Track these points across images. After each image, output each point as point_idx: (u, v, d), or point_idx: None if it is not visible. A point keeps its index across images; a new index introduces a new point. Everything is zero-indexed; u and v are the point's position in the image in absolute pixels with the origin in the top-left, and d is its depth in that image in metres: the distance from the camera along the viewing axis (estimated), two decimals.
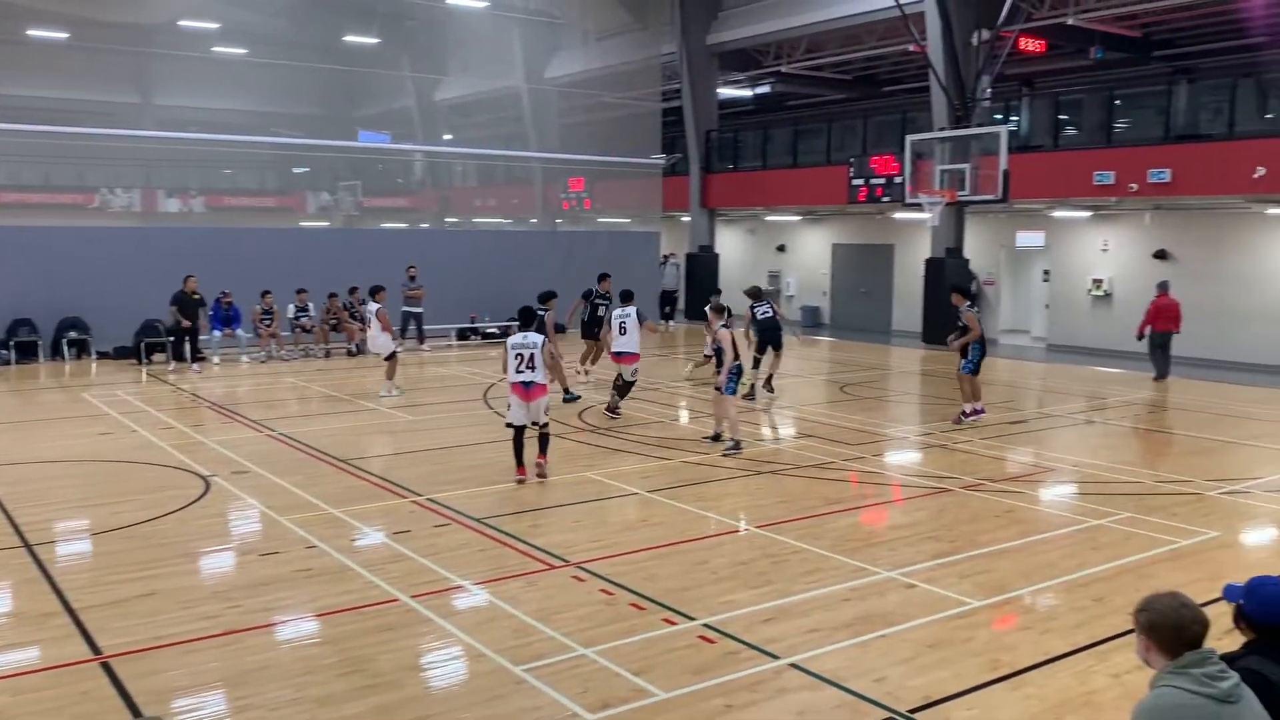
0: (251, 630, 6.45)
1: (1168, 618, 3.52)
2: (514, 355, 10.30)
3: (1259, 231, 20.56)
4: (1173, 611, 3.53)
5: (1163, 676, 3.50)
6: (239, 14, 30.96)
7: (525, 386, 10.30)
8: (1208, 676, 3.42)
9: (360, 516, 9.06)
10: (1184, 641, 3.49)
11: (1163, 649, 3.53)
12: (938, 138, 19.71)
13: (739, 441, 11.97)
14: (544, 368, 10.31)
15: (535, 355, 10.24)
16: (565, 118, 33.11)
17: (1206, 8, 21.13)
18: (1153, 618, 3.56)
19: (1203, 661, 3.46)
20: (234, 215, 38.10)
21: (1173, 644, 3.50)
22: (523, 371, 10.26)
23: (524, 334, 10.42)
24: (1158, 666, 3.55)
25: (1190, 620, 3.50)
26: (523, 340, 10.33)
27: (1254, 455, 12.29)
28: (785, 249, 31.16)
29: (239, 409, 14.76)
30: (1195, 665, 3.44)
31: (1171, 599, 3.59)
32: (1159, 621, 3.54)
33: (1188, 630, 3.49)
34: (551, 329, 14.34)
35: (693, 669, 5.89)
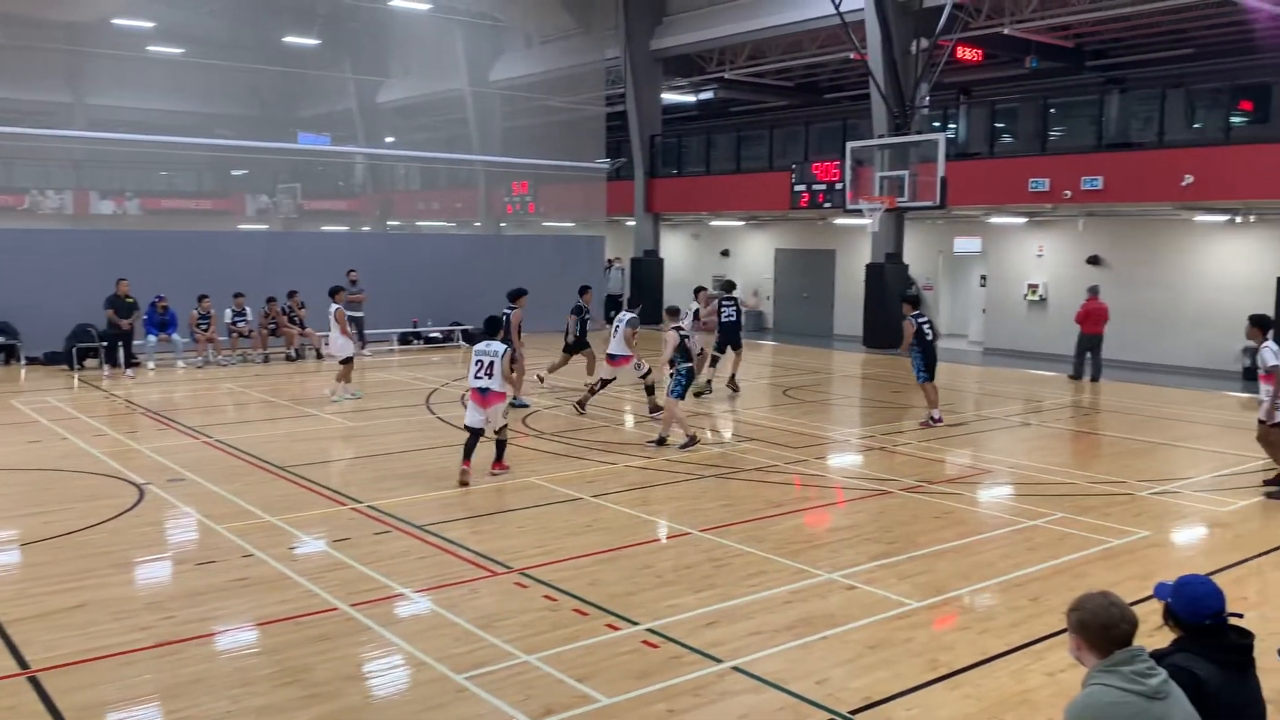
0: (187, 641, 6.32)
1: (1097, 616, 3.60)
2: (475, 361, 10.53)
3: (1187, 238, 21.12)
4: (1102, 610, 3.61)
5: (1094, 675, 3.57)
6: (175, 13, 30.41)
7: (482, 393, 10.49)
8: (1137, 674, 3.50)
9: (299, 524, 8.93)
10: (1113, 640, 3.57)
11: (1093, 647, 3.61)
12: (877, 145, 19.99)
13: (694, 437, 12.30)
14: (502, 377, 10.45)
15: (495, 364, 10.40)
16: (509, 121, 33.03)
17: (1137, 20, 21.69)
18: (1083, 617, 3.63)
19: (1132, 659, 3.53)
20: (170, 218, 37.45)
21: (1102, 642, 3.58)
22: (480, 378, 10.45)
23: (487, 342, 10.60)
24: (1089, 665, 3.63)
25: (1119, 619, 3.58)
26: (485, 347, 10.53)
27: (1183, 456, 12.62)
28: (729, 254, 31.35)
29: (175, 415, 14.47)
30: (1125, 663, 3.52)
31: (1101, 598, 3.67)
32: (1089, 620, 3.61)
33: (1116, 629, 3.57)
34: (517, 329, 14.28)
35: (636, 674, 5.89)
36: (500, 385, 10.51)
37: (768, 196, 25.90)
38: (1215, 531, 9.21)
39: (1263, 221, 19.79)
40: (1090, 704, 3.51)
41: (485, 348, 10.55)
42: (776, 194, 24.61)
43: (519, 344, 14.10)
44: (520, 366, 13.94)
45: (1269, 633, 6.35)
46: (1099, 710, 3.49)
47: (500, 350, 10.47)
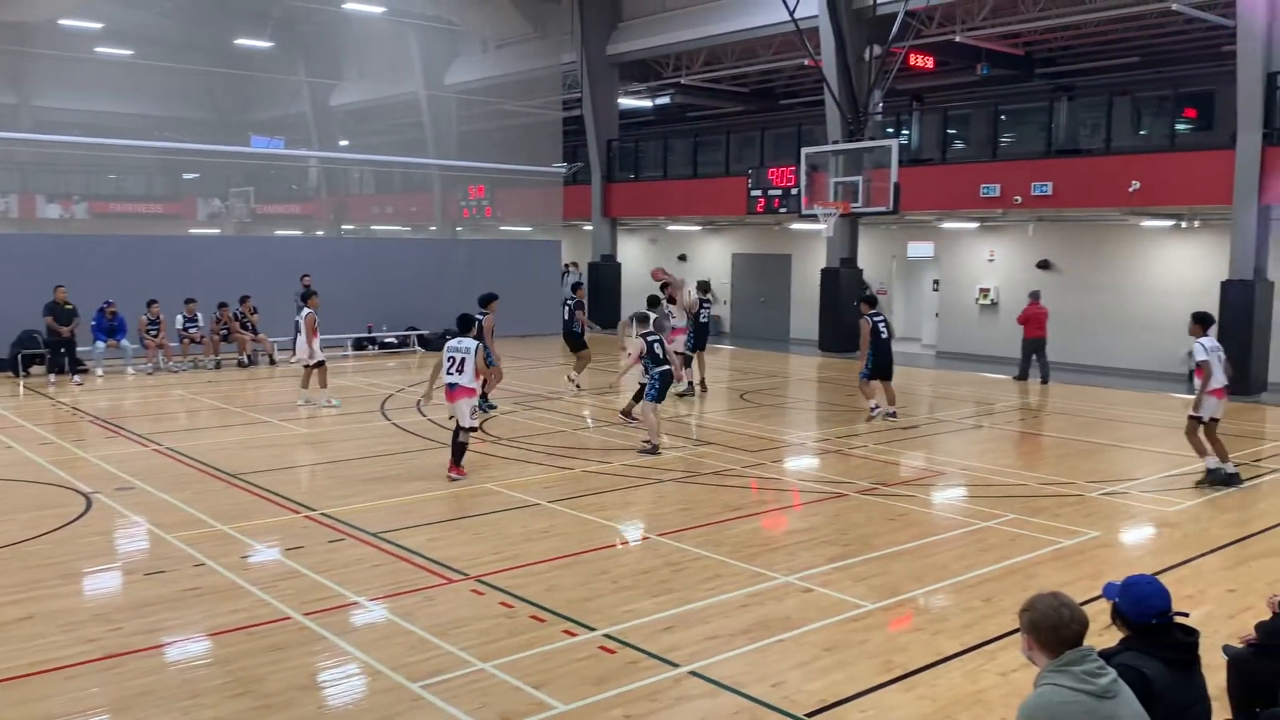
0: (135, 653, 6.21)
1: (1048, 617, 3.65)
2: (446, 357, 10.82)
3: (1134, 243, 21.52)
4: (1052, 611, 3.66)
5: (1045, 675, 3.63)
6: (124, 14, 29.92)
7: (450, 388, 10.78)
8: (1086, 674, 3.56)
9: (251, 533, 8.82)
10: (1063, 640, 3.62)
11: (1044, 647, 3.66)
12: (832, 150, 20.14)
13: (656, 446, 12.29)
14: (472, 374, 10.68)
15: (467, 360, 10.66)
16: (465, 125, 32.85)
17: (1085, 29, 22.08)
18: (1034, 617, 3.69)
19: (1081, 659, 3.59)
20: (119, 222, 36.78)
21: (1053, 642, 3.63)
22: (450, 374, 10.75)
23: (459, 339, 10.88)
24: (1041, 664, 3.69)
25: (1069, 619, 3.64)
26: (457, 344, 10.82)
27: (1132, 457, 12.85)
28: (686, 258, 31.42)
29: (124, 422, 14.22)
30: (1075, 663, 3.58)
31: (1052, 599, 3.73)
32: (1040, 621, 3.67)
33: (1066, 629, 3.63)
34: (490, 333, 14.30)
35: (593, 680, 5.88)
36: (469, 382, 10.71)
37: (724, 201, 26.01)
38: (1162, 531, 9.39)
39: (1207, 226, 20.21)
40: (1041, 704, 3.57)
41: (457, 344, 10.79)
42: (733, 199, 24.71)
43: (493, 348, 14.19)
44: (496, 371, 14.29)
45: (1213, 630, 6.48)
46: (1050, 710, 3.54)
47: (472, 347, 10.71)
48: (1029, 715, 3.59)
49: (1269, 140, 17.49)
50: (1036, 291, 20.10)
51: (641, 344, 12.56)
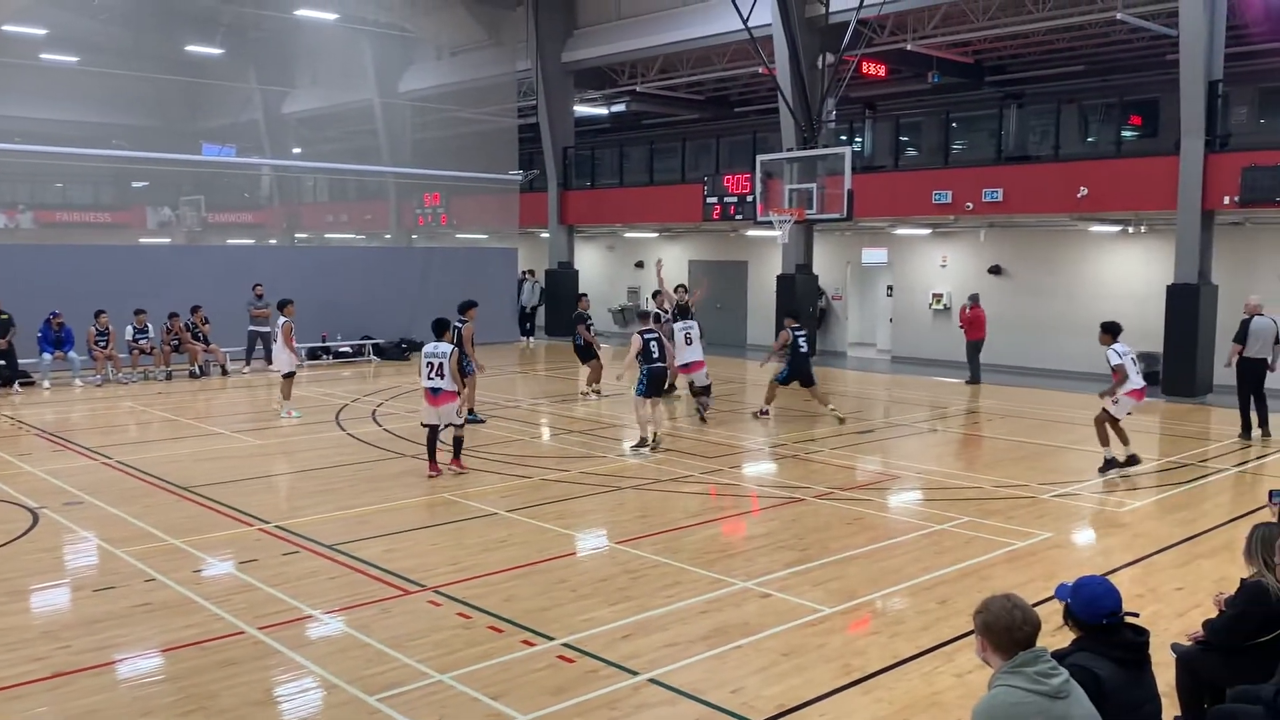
0: (84, 671, 6.08)
1: (1001, 619, 3.70)
2: (425, 363, 11.13)
3: (1083, 248, 21.90)
4: (1005, 613, 3.70)
5: (999, 676, 3.68)
6: (70, 19, 29.41)
7: (433, 393, 11.10)
8: (1039, 675, 3.60)
9: (204, 546, 8.68)
10: (1016, 641, 3.67)
11: (997, 649, 3.71)
12: (786, 158, 20.27)
13: (644, 440, 12.94)
14: (452, 377, 11.02)
15: (444, 364, 11.00)
16: (420, 132, 32.66)
17: (1032, 38, 22.45)
18: (987, 619, 3.73)
19: (1035, 660, 3.64)
20: (66, 231, 36.10)
21: (1006, 644, 3.68)
22: (432, 379, 11.06)
23: (435, 344, 11.14)
24: (995, 665, 3.73)
25: (1021, 621, 3.69)
26: (434, 349, 11.10)
27: (1083, 459, 13.03)
28: (643, 265, 31.46)
29: (71, 435, 13.95)
30: (1028, 664, 3.63)
31: (1005, 601, 3.77)
32: (993, 623, 3.71)
33: (1019, 631, 3.67)
34: (470, 341, 14.13)
35: (551, 689, 5.86)
36: (451, 384, 11.03)
37: (681, 208, 26.08)
38: (1113, 532, 9.54)
39: (1153, 231, 20.61)
40: (996, 705, 3.61)
41: (434, 349, 11.10)
42: (689, 206, 24.79)
43: (473, 356, 14.07)
44: (473, 380, 14.16)
45: (1163, 629, 6.60)
46: (1004, 711, 3.58)
47: (448, 351, 11.02)
48: (982, 716, 3.63)
49: (1211, 147, 17.86)
50: (975, 295, 20.67)
51: (639, 340, 13.13)
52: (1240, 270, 19.31)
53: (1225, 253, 18.95)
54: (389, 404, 17.12)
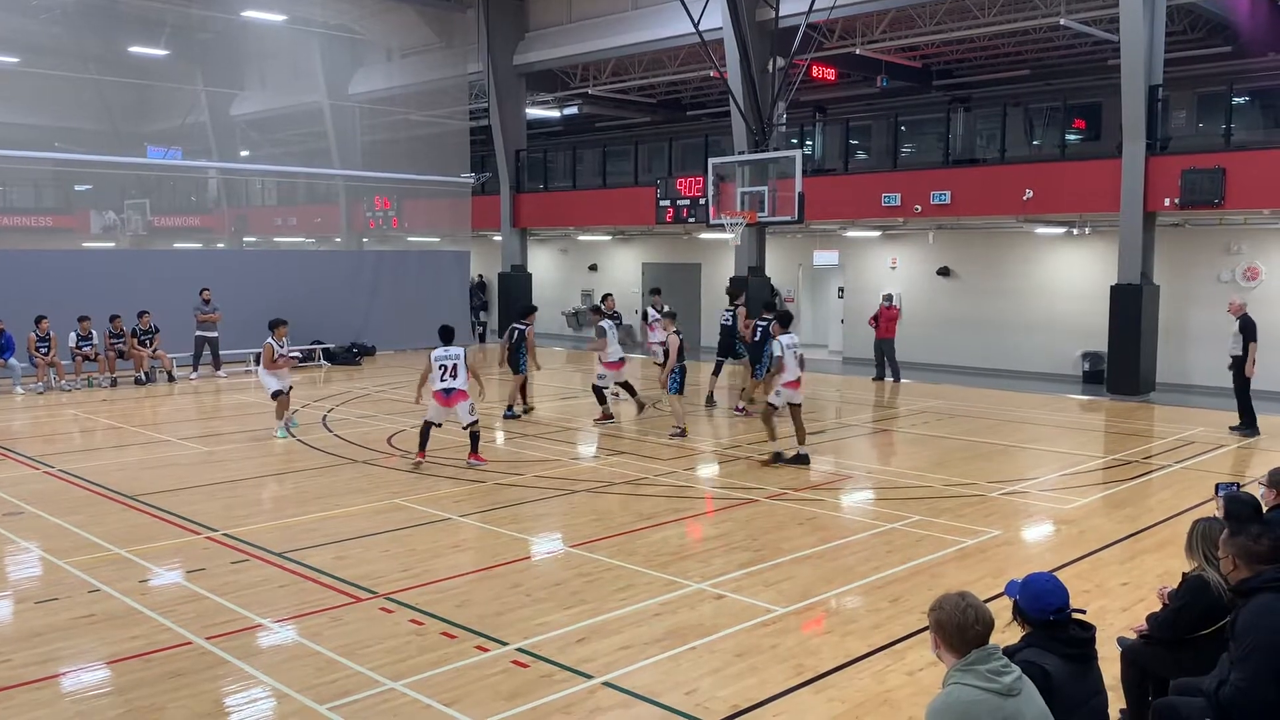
0: (24, 686, 5.95)
1: (954, 617, 3.73)
2: (439, 365, 11.77)
3: (1029, 249, 22.26)
4: (959, 612, 3.74)
5: (952, 674, 3.72)
6: (8, 20, 28.79)
7: (446, 394, 11.78)
8: (992, 672, 3.65)
9: (150, 556, 8.53)
10: (968, 640, 3.71)
11: (950, 647, 3.75)
12: (738, 161, 20.35)
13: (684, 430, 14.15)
14: (465, 376, 11.80)
15: (459, 365, 11.79)
16: (370, 135, 32.37)
17: (978, 42, 22.78)
18: (940, 617, 3.77)
19: (987, 658, 3.68)
20: (7, 235, 35.30)
21: (959, 642, 3.72)
22: (445, 380, 11.75)
23: (446, 348, 11.91)
24: (948, 663, 3.76)
25: (974, 620, 3.72)
26: (445, 353, 11.86)
27: (1030, 457, 13.25)
28: (597, 268, 31.47)
29: (12, 445, 13.63)
30: (981, 662, 3.67)
31: (958, 599, 3.80)
32: (946, 621, 3.75)
33: (971, 629, 3.71)
34: (531, 343, 15.78)
35: (505, 695, 5.83)
36: (464, 384, 11.77)
37: (634, 211, 26.11)
38: (1060, 529, 9.70)
39: (1097, 233, 21.00)
40: (950, 703, 3.65)
41: (445, 353, 11.85)
42: (642, 209, 24.82)
43: (532, 357, 15.80)
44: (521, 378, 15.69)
45: (1109, 623, 6.73)
46: (958, 709, 3.62)
47: (461, 353, 11.87)
48: (937, 714, 3.67)
49: (1152, 150, 18.24)
50: (890, 295, 21.39)
51: (679, 340, 14.23)
52: (1180, 271, 19.76)
53: (1166, 254, 19.37)
54: (340, 409, 16.94)
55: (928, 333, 23.14)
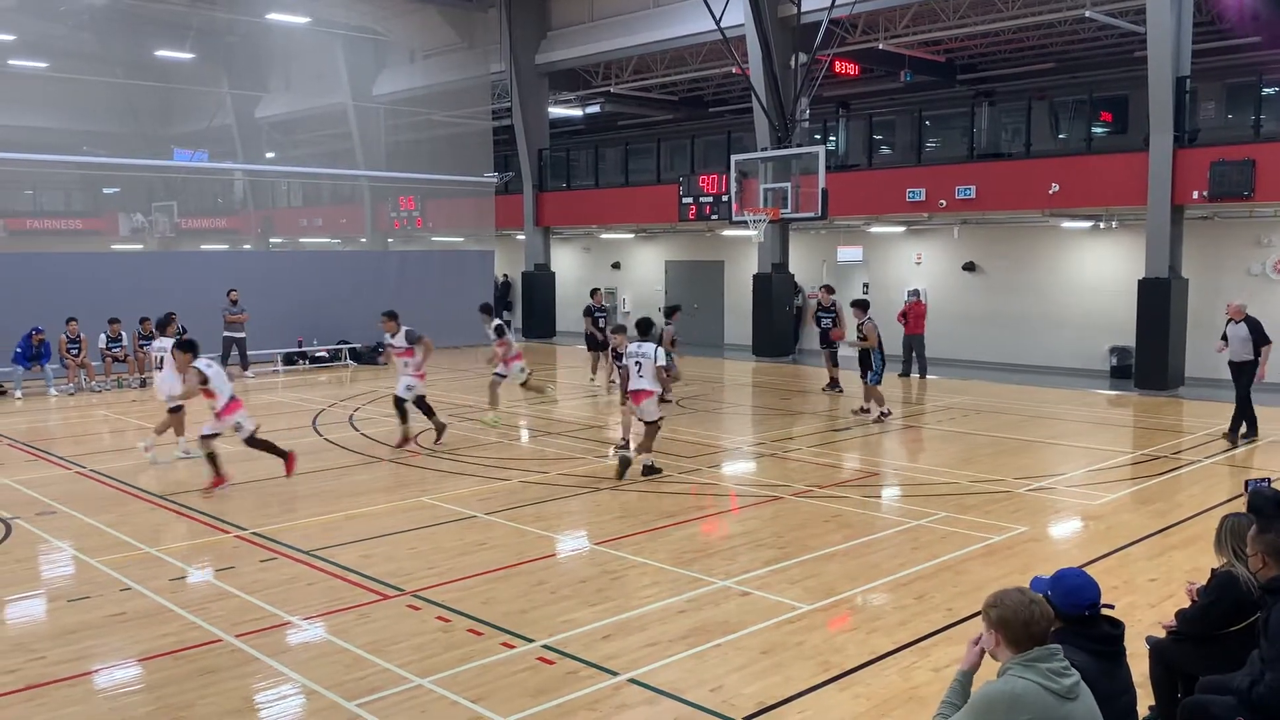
0: (58, 683, 6.03)
1: (1018, 614, 3.67)
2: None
3: (1055, 244, 22.08)
4: (1023, 608, 3.69)
5: (1012, 666, 3.66)
6: (38, 25, 29.15)
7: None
8: (1053, 672, 3.60)
9: (180, 554, 8.63)
10: (1032, 636, 3.66)
11: (1012, 643, 3.68)
12: (761, 158, 20.34)
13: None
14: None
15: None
16: (394, 135, 32.59)
17: (1002, 35, 22.61)
18: (1003, 614, 3.70)
19: (1049, 656, 3.63)
20: (37, 239, 35.83)
21: (1023, 637, 3.66)
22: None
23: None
24: (1002, 658, 3.71)
25: (1039, 614, 3.68)
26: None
27: (1057, 453, 13.15)
28: (620, 266, 31.49)
29: (45, 445, 13.82)
30: (1042, 660, 3.62)
31: (1019, 595, 3.74)
32: (1010, 617, 3.68)
33: (1036, 625, 3.66)
34: (668, 341, 15.88)
35: (531, 691, 5.86)
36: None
37: (656, 209, 26.12)
38: (1088, 525, 9.63)
39: (1124, 227, 20.81)
40: (1005, 690, 3.60)
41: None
42: (665, 206, 24.83)
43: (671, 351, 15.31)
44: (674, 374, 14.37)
45: (1137, 620, 6.68)
46: (1012, 699, 3.57)
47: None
48: (989, 696, 3.63)
49: (1179, 142, 18.06)
50: (915, 290, 21.41)
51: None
52: (1209, 264, 19.55)
53: (1194, 247, 19.16)
54: (366, 409, 17.04)
55: (953, 328, 23.00)
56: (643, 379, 11.48)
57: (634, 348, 11.60)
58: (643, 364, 11.46)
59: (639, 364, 11.48)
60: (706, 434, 14.53)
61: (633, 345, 11.70)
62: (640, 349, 11.56)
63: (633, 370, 11.53)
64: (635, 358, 11.52)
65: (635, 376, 11.52)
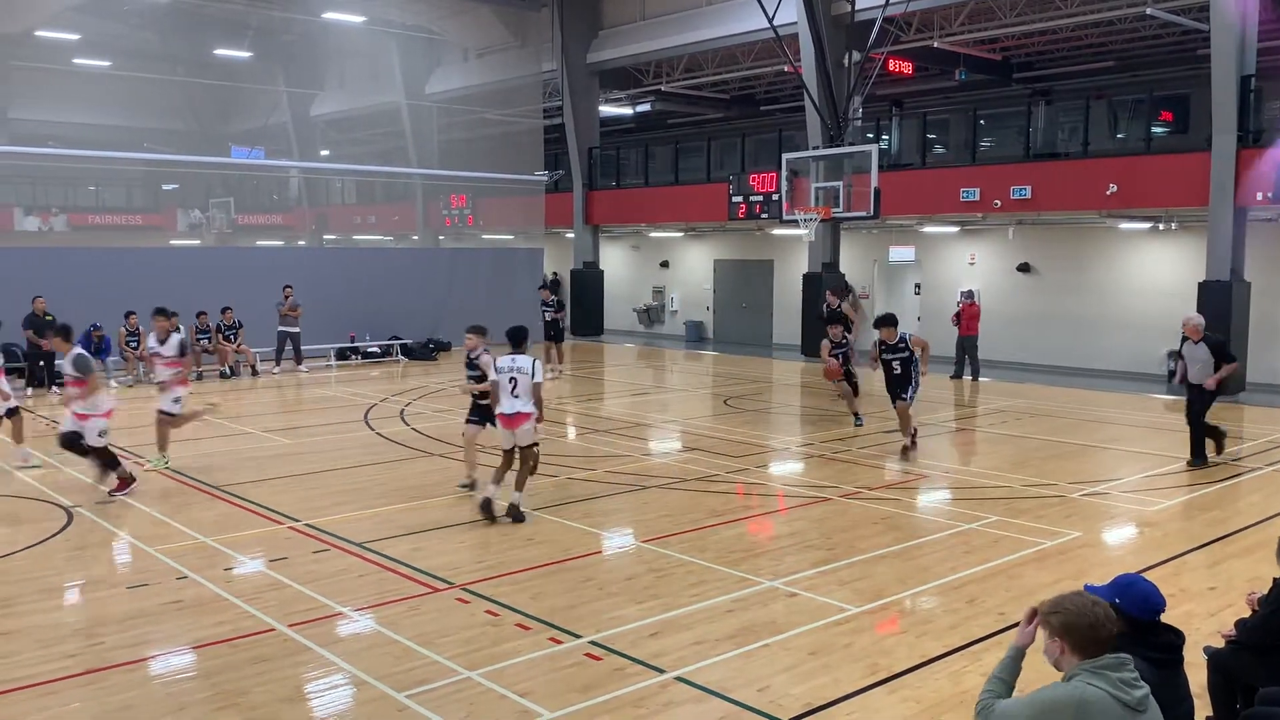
0: (116, 668, 6.16)
1: (1084, 617, 3.58)
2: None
3: (1112, 245, 21.70)
4: (1088, 611, 3.59)
5: (1080, 671, 3.55)
6: (101, 25, 29.77)
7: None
8: (1124, 682, 3.50)
9: (235, 544, 8.77)
10: (1099, 640, 3.56)
11: (1078, 649, 3.58)
12: (812, 156, 20.22)
13: None
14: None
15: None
16: (446, 134, 32.86)
17: (1060, 34, 22.26)
18: (1068, 619, 3.60)
19: (1119, 665, 3.53)
20: (99, 234, 36.62)
21: (1089, 642, 3.56)
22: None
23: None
24: (1068, 667, 3.60)
25: (1104, 617, 3.58)
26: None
27: (1112, 457, 12.93)
28: (669, 265, 31.49)
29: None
30: (1113, 669, 3.52)
31: (1082, 599, 3.65)
32: (1075, 622, 3.58)
33: (1103, 628, 3.56)
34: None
35: (579, 687, 5.88)
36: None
37: (706, 207, 26.08)
38: (1144, 531, 9.45)
39: (1184, 228, 20.39)
40: (1076, 697, 3.50)
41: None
42: (714, 205, 24.79)
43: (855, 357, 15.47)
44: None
45: (1194, 629, 6.54)
46: (1080, 706, 3.48)
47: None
48: (1056, 700, 3.53)
49: (1243, 142, 17.66)
50: (969, 291, 21.08)
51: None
52: (1273, 267, 19.11)
53: (1258, 250, 18.73)
54: (417, 404, 17.21)
55: (1007, 330, 22.70)
56: (518, 398, 9.52)
57: (506, 361, 9.62)
58: (518, 380, 9.51)
59: (514, 380, 9.52)
60: (754, 434, 14.49)
61: (504, 359, 9.68)
62: (515, 363, 9.60)
63: (505, 388, 9.54)
64: (509, 373, 9.54)
65: (508, 396, 9.52)
